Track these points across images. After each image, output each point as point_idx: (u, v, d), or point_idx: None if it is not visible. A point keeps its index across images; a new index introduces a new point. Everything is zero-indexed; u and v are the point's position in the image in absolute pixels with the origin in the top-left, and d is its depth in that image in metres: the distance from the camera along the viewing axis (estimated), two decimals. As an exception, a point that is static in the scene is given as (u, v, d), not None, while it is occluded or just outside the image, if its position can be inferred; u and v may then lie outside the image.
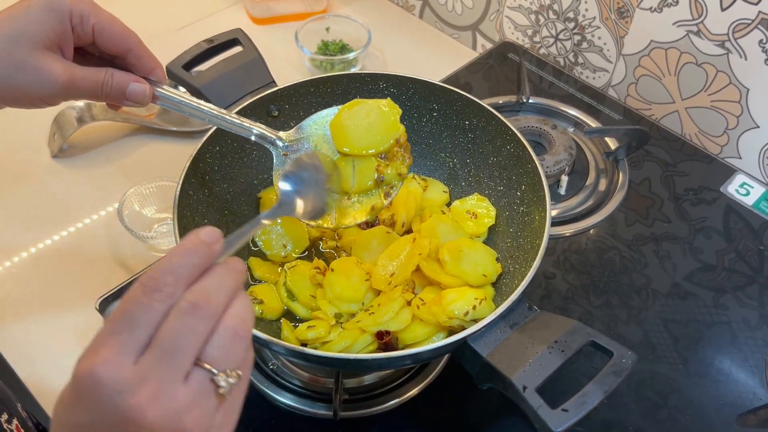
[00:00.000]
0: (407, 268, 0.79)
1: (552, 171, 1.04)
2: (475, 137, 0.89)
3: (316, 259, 0.84)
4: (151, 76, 0.67)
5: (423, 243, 0.80)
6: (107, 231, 1.02)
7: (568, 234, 1.01)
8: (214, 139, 0.82)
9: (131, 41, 0.65)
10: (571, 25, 1.21)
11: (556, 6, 1.20)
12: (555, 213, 1.04)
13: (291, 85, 0.87)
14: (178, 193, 0.75)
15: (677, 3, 1.03)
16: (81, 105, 1.11)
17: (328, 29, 1.32)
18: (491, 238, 0.88)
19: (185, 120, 1.16)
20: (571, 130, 1.17)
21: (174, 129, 1.15)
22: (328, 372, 0.84)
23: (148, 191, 1.00)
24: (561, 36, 1.24)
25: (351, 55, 1.24)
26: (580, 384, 0.62)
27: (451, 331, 0.73)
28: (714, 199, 1.06)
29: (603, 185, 1.08)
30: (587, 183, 1.08)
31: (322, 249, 0.88)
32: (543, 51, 1.30)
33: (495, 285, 0.82)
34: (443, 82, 0.89)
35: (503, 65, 1.27)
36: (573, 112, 1.17)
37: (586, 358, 0.83)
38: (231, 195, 0.87)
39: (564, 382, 0.66)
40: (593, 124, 1.15)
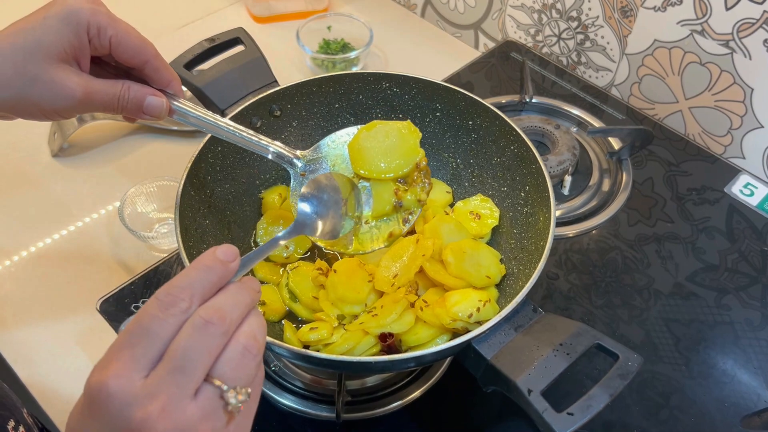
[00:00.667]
0: (410, 269, 0.78)
1: (555, 171, 1.04)
2: (479, 137, 0.89)
3: (318, 260, 0.84)
4: (168, 88, 0.66)
5: (426, 244, 0.79)
6: (108, 231, 1.01)
7: (571, 234, 1.01)
8: (215, 139, 0.81)
9: (148, 53, 0.63)
10: (574, 24, 1.20)
11: (559, 5, 1.20)
12: (558, 213, 1.03)
13: (293, 85, 0.87)
14: (179, 193, 0.75)
15: (681, 2, 1.03)
16: (81, 104, 1.11)
17: (329, 28, 1.32)
18: (495, 239, 0.88)
19: (186, 119, 1.15)
20: (575, 129, 1.16)
21: (175, 128, 1.14)
22: (330, 374, 0.84)
23: (148, 191, 1.00)
24: (564, 35, 1.23)
25: (352, 54, 1.24)
26: (583, 386, 0.62)
27: (455, 333, 0.72)
28: (717, 200, 1.06)
29: (606, 185, 1.08)
30: (591, 183, 1.08)
31: (324, 250, 0.88)
32: (546, 50, 1.29)
33: (499, 287, 0.81)
34: (445, 81, 0.88)
35: (506, 64, 1.26)
36: (576, 111, 1.17)
37: (589, 360, 0.83)
38: (233, 195, 0.87)
39: (568, 384, 0.66)
40: (596, 123, 1.15)
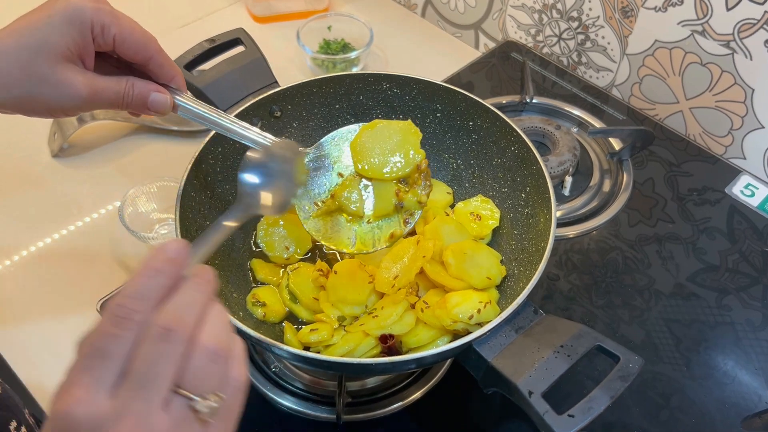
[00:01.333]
0: (411, 270, 0.78)
1: (556, 172, 1.04)
2: (479, 138, 0.89)
3: (319, 261, 0.84)
4: (172, 83, 0.67)
5: (427, 245, 0.79)
6: (108, 231, 1.01)
7: (571, 235, 1.00)
8: (216, 140, 0.81)
9: (152, 49, 0.64)
10: (575, 25, 1.20)
11: (559, 5, 1.20)
12: (559, 214, 1.03)
13: (293, 86, 0.87)
14: (180, 194, 0.75)
15: (682, 2, 1.03)
16: (81, 104, 1.11)
17: (329, 28, 1.32)
18: (495, 240, 0.88)
19: (186, 120, 1.15)
20: (575, 130, 1.16)
21: (175, 128, 1.14)
22: (330, 375, 0.84)
23: (148, 191, 0.99)
24: (564, 35, 1.23)
25: (353, 54, 1.23)
26: (584, 387, 0.62)
27: (456, 335, 0.73)
28: (718, 200, 1.05)
29: (607, 186, 1.07)
30: (591, 184, 1.07)
31: (325, 251, 0.88)
32: (546, 50, 1.29)
33: (499, 288, 0.81)
34: (445, 81, 0.88)
35: (506, 65, 1.26)
36: (576, 112, 1.17)
37: (590, 361, 0.83)
38: (233, 196, 0.86)
39: (569, 386, 0.66)
40: (597, 124, 1.15)
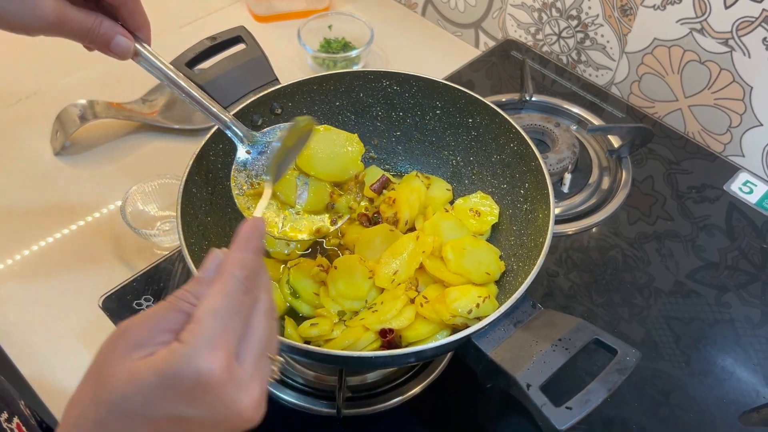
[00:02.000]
0: (411, 266, 0.79)
1: (555, 169, 1.04)
2: (479, 135, 0.89)
3: (319, 257, 0.84)
4: (139, 33, 0.67)
5: (426, 241, 0.80)
6: (110, 228, 1.02)
7: (570, 232, 1.01)
8: (217, 137, 0.81)
9: None
10: (574, 23, 1.20)
11: (559, 4, 1.20)
12: (558, 211, 1.03)
13: (294, 83, 0.87)
14: (181, 191, 0.75)
15: (681, 1, 1.03)
16: (84, 103, 1.11)
17: (330, 27, 1.32)
18: (494, 236, 0.88)
19: (187, 118, 1.16)
20: (574, 128, 1.16)
21: (176, 127, 1.15)
22: (331, 370, 0.84)
23: (150, 189, 1.00)
24: (564, 34, 1.24)
25: (353, 53, 1.24)
26: (583, 382, 0.62)
27: (455, 329, 0.73)
28: (717, 197, 1.06)
29: (606, 183, 1.08)
30: (590, 181, 1.08)
31: (325, 246, 0.88)
32: (546, 49, 1.30)
33: (498, 283, 0.82)
34: (446, 79, 0.89)
35: (506, 63, 1.27)
36: (576, 110, 1.17)
37: (588, 356, 0.83)
38: (234, 192, 0.87)
39: (567, 380, 0.66)
40: (596, 122, 1.15)
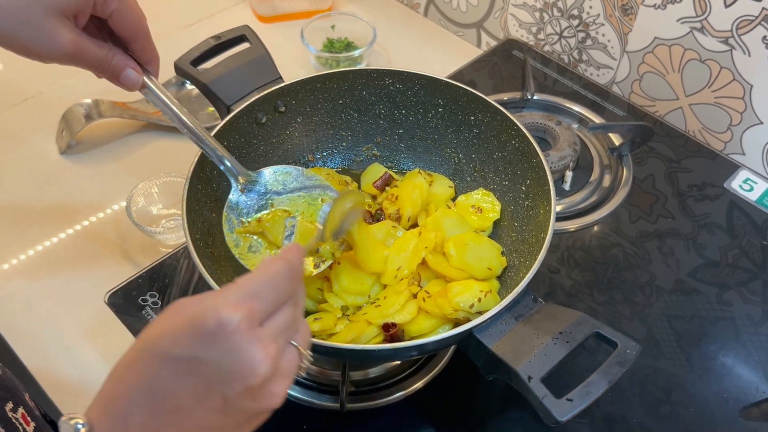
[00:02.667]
0: (413, 261, 0.80)
1: (556, 167, 1.05)
2: (480, 132, 0.90)
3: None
4: (148, 66, 0.70)
5: (428, 236, 0.80)
6: (115, 226, 1.03)
7: (572, 229, 1.02)
8: (221, 136, 0.82)
9: (141, 31, 0.67)
10: (576, 23, 1.21)
11: (560, 3, 1.21)
12: (559, 208, 1.04)
13: (298, 81, 0.88)
14: (186, 187, 0.76)
15: (681, 0, 1.04)
16: (89, 102, 1.12)
17: (333, 27, 1.33)
18: (496, 232, 0.89)
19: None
20: (576, 126, 1.17)
21: (181, 126, 1.16)
22: (334, 364, 0.85)
23: (155, 187, 1.01)
24: (565, 33, 1.25)
25: (356, 53, 1.25)
26: (584, 376, 0.63)
27: (457, 324, 0.73)
28: (718, 195, 1.06)
29: (607, 181, 1.09)
30: (591, 179, 1.09)
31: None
32: (547, 48, 1.30)
33: (500, 278, 0.82)
34: (448, 79, 0.89)
35: (508, 62, 1.27)
36: (577, 108, 1.18)
37: (590, 354, 0.84)
38: (238, 190, 0.88)
39: (569, 376, 0.67)
40: (597, 120, 1.16)
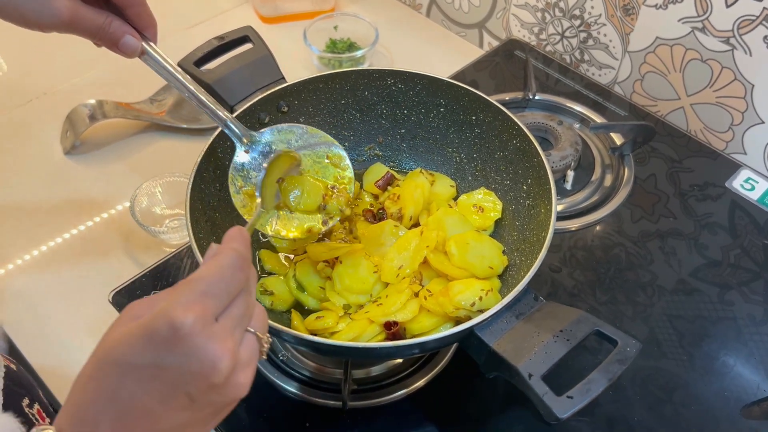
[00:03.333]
0: (415, 260, 0.80)
1: (558, 166, 1.05)
2: (482, 132, 0.90)
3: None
4: (146, 32, 0.70)
5: (430, 235, 0.81)
6: (119, 226, 1.03)
7: (574, 228, 1.02)
8: (225, 135, 0.82)
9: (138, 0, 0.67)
10: (577, 23, 1.22)
11: (562, 4, 1.21)
12: (561, 208, 1.04)
13: (300, 81, 0.88)
14: (190, 187, 0.76)
15: (682, 0, 1.04)
16: (93, 102, 1.13)
17: (336, 28, 1.34)
18: (498, 231, 0.89)
19: (195, 118, 1.17)
20: (577, 126, 1.17)
21: (184, 126, 1.16)
22: (336, 363, 0.85)
23: (159, 187, 1.02)
24: (567, 33, 1.25)
25: (359, 53, 1.25)
26: (585, 376, 0.63)
27: (458, 322, 0.74)
28: (719, 195, 1.06)
29: (609, 180, 1.09)
30: (593, 178, 1.09)
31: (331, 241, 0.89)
32: (549, 48, 1.31)
33: (501, 277, 0.83)
34: (450, 79, 0.90)
35: (510, 63, 1.28)
36: (579, 108, 1.18)
37: (591, 354, 0.84)
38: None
39: (569, 374, 0.67)
40: (599, 120, 1.16)
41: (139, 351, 0.43)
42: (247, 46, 0.91)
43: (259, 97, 0.86)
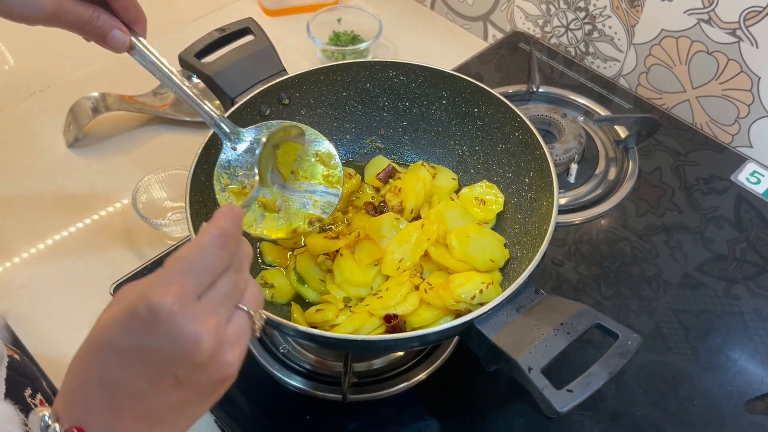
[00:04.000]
0: (416, 253, 0.80)
1: (561, 159, 1.04)
2: (484, 124, 0.90)
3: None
4: (135, 26, 0.69)
5: (431, 228, 0.80)
6: (122, 219, 1.04)
7: (577, 222, 1.01)
8: (225, 127, 0.83)
9: None
10: (582, 15, 1.21)
11: (567, -4, 1.20)
12: (564, 201, 1.04)
13: (301, 73, 0.88)
14: (190, 178, 0.76)
15: (688, -9, 1.03)
16: (96, 95, 1.13)
17: (339, 20, 1.33)
18: (500, 224, 0.89)
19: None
20: (581, 119, 1.16)
21: (187, 119, 1.16)
22: (337, 356, 0.85)
23: (161, 180, 1.02)
24: (572, 26, 1.24)
25: (362, 46, 1.25)
26: (586, 369, 0.62)
27: (459, 315, 0.73)
28: (725, 189, 1.05)
29: (613, 174, 1.08)
30: (597, 171, 1.08)
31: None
32: (554, 41, 1.30)
33: (503, 270, 0.82)
34: (454, 71, 0.89)
35: (514, 55, 1.27)
36: (583, 101, 1.17)
37: (595, 348, 0.84)
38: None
39: (570, 367, 0.66)
40: (603, 113, 1.15)
41: (121, 334, 0.44)
42: (249, 38, 0.91)
43: (260, 89, 0.86)
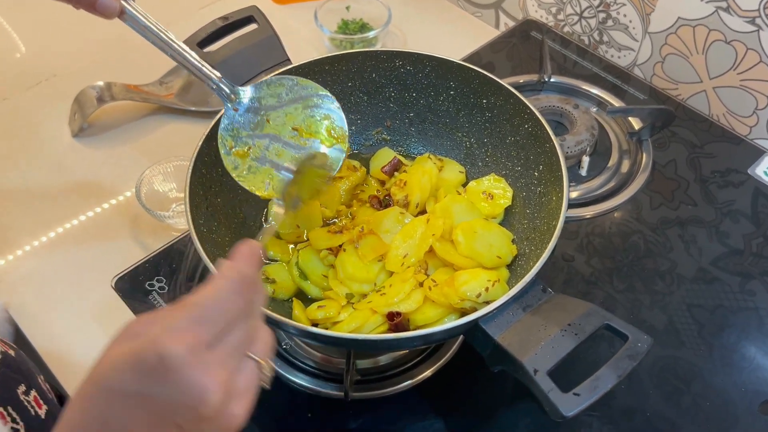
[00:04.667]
0: (420, 249, 0.78)
1: (573, 151, 1.02)
2: (493, 116, 0.88)
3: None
4: None
5: (436, 223, 0.79)
6: (126, 210, 1.03)
7: (589, 216, 0.99)
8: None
9: None
10: (596, 2, 1.18)
11: (581, -18, 1.17)
12: (576, 194, 1.02)
13: (306, 63, 0.86)
14: (190, 171, 0.76)
15: (707, -23, 1.00)
16: (101, 84, 1.12)
17: (348, 8, 1.31)
18: (507, 219, 0.87)
19: (204, 100, 1.16)
20: (594, 110, 1.14)
21: (192, 109, 1.15)
22: (340, 353, 0.84)
23: (165, 170, 1.01)
24: (585, 14, 1.21)
25: (371, 34, 1.23)
26: (596, 370, 0.61)
27: (463, 313, 0.72)
28: (742, 182, 1.03)
29: (626, 166, 1.06)
30: (609, 164, 1.06)
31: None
32: (567, 29, 1.27)
33: (510, 267, 0.80)
34: (464, 60, 0.87)
35: (526, 44, 1.24)
36: (596, 91, 1.15)
37: (606, 344, 0.82)
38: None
39: (579, 369, 0.65)
40: (617, 104, 1.13)
41: (127, 379, 0.42)
42: (252, 26, 0.89)
43: (263, 79, 0.84)
